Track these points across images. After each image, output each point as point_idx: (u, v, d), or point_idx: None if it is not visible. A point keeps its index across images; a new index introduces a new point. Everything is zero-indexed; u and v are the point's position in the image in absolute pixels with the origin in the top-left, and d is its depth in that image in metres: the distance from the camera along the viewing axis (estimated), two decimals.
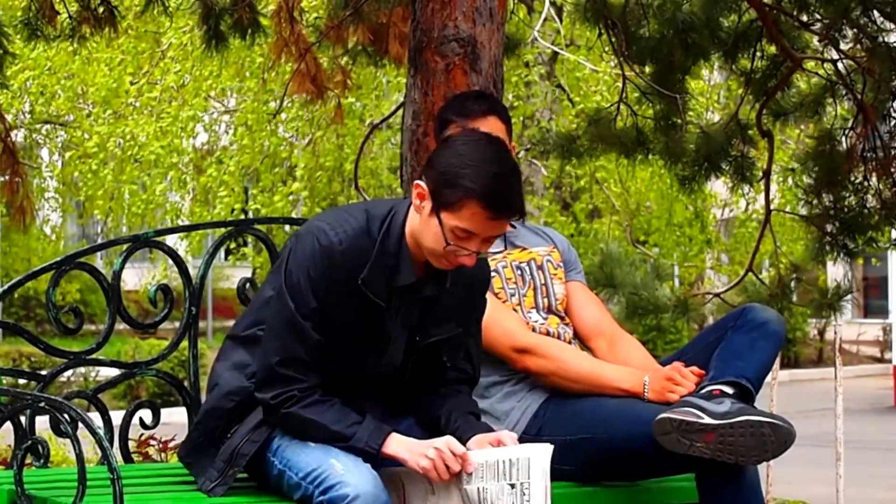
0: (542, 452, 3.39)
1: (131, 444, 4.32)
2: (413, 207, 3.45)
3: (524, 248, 4.14)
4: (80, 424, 3.42)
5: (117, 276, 4.10)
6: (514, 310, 4.03)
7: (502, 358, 3.95)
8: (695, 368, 3.87)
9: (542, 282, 4.10)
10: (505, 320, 3.95)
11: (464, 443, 3.49)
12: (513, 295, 4.05)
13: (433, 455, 3.39)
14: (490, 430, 3.59)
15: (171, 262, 4.25)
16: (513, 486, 3.37)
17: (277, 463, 3.50)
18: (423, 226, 3.42)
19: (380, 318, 3.48)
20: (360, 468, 3.36)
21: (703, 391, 3.75)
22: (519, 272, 4.09)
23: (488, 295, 3.91)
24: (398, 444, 3.43)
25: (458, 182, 3.34)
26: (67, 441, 3.60)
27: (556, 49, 13.65)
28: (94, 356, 4.16)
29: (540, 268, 4.12)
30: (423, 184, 3.41)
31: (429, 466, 3.39)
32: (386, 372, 3.55)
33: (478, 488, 3.39)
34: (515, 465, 3.38)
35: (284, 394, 3.44)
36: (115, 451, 3.57)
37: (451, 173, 3.35)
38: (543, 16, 10.62)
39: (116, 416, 4.07)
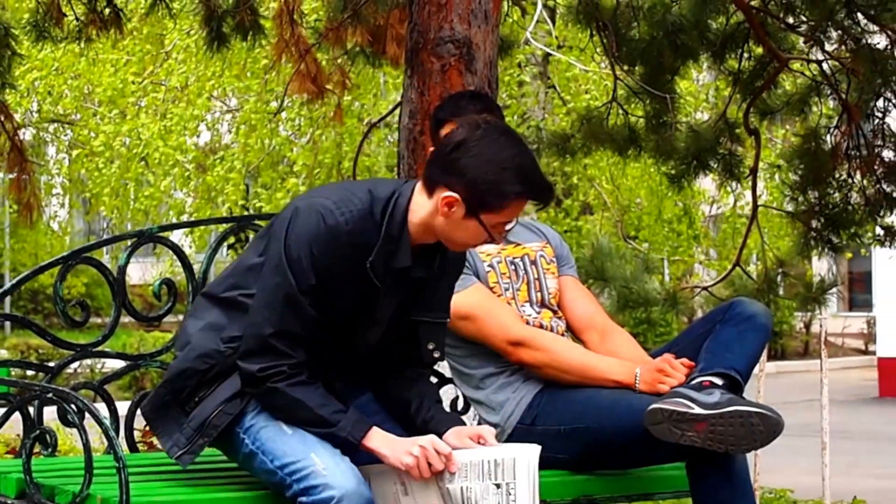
0: (528, 453, 3.37)
1: (136, 434, 4.27)
2: (440, 214, 3.40)
3: (518, 244, 4.15)
4: (87, 414, 3.43)
5: (122, 270, 4.12)
6: (509, 304, 4.05)
7: (497, 350, 3.98)
8: (685, 360, 3.90)
9: (536, 276, 4.12)
10: (500, 313, 3.98)
11: (440, 434, 3.46)
12: (507, 289, 4.07)
13: (417, 453, 3.35)
14: (461, 421, 3.59)
15: (174, 256, 4.31)
16: (498, 486, 3.34)
17: (249, 443, 3.43)
18: (454, 227, 3.41)
19: (374, 299, 3.46)
20: (342, 466, 3.32)
21: (694, 382, 3.77)
22: (513, 267, 4.11)
23: (484, 289, 4.00)
24: (379, 440, 3.39)
25: (502, 188, 3.35)
26: (74, 431, 3.60)
27: (548, 50, 13.71)
28: (100, 348, 4.19)
29: (533, 263, 4.14)
30: (453, 194, 3.37)
31: (412, 464, 3.35)
32: (361, 349, 3.55)
33: (461, 487, 3.35)
34: (501, 466, 3.35)
35: (273, 368, 3.37)
36: (121, 441, 3.58)
37: (489, 181, 3.35)
38: (536, 17, 10.69)
39: (122, 407, 4.14)
